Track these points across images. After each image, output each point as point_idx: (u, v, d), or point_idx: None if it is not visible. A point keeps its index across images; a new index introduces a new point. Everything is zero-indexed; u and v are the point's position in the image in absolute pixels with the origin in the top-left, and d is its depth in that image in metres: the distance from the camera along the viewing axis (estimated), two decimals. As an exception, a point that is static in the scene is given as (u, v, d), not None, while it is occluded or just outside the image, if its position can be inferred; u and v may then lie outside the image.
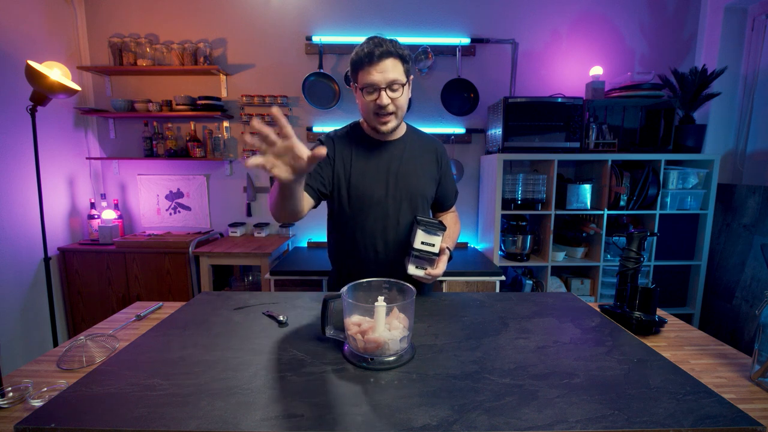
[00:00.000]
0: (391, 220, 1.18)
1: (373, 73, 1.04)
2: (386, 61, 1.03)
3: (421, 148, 1.24)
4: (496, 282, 2.13)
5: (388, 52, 1.03)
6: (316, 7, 2.55)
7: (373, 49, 1.03)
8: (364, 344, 0.78)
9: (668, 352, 0.93)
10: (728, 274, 2.30)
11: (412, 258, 1.08)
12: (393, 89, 1.06)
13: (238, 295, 1.19)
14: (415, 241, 1.07)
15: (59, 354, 0.90)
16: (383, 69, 1.03)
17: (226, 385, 0.71)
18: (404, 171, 1.18)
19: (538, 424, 0.61)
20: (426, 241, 1.06)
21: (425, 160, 1.23)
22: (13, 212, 2.15)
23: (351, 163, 1.17)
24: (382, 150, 1.19)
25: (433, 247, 1.06)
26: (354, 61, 1.07)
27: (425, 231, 1.06)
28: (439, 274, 1.08)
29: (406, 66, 1.08)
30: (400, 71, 1.06)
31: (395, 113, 1.09)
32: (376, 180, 1.16)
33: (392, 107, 1.08)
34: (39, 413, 0.63)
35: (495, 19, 2.57)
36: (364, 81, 1.06)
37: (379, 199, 1.16)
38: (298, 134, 2.67)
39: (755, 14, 2.32)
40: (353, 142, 1.19)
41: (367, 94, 1.07)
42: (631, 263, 1.09)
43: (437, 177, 1.27)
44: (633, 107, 2.34)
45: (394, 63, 1.05)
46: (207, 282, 2.33)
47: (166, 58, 2.53)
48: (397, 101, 1.08)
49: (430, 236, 1.06)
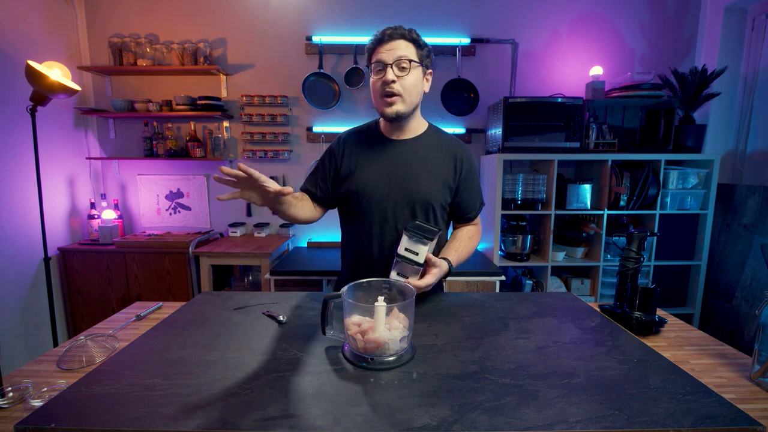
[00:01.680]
0: (390, 224, 1.12)
1: (382, 51, 1.03)
2: (397, 41, 1.02)
3: (438, 151, 1.15)
4: (496, 282, 2.13)
5: (400, 34, 1.02)
6: (316, 7, 2.55)
7: (385, 30, 1.03)
8: (364, 344, 0.78)
9: (668, 352, 0.93)
10: (728, 274, 2.30)
11: (394, 263, 1.01)
12: (401, 67, 1.02)
13: (238, 295, 1.19)
14: (400, 245, 0.99)
15: (59, 354, 0.90)
16: (392, 47, 1.02)
17: (226, 385, 0.71)
18: (411, 175, 1.11)
19: (538, 424, 0.61)
20: (410, 248, 0.97)
21: (439, 165, 1.14)
22: (13, 212, 2.15)
23: (357, 161, 1.14)
24: (391, 150, 1.14)
25: (417, 256, 0.97)
26: (368, 46, 1.07)
27: (410, 237, 0.98)
28: (421, 286, 0.99)
29: (419, 51, 1.05)
30: (412, 52, 1.03)
31: (401, 96, 1.04)
32: (378, 180, 1.12)
33: (398, 87, 1.03)
34: (39, 413, 0.63)
35: (495, 19, 2.57)
36: (373, 60, 1.05)
37: (379, 199, 1.12)
38: (298, 134, 2.67)
39: (755, 14, 2.32)
40: (366, 140, 1.17)
41: (375, 73, 1.05)
42: (631, 263, 1.09)
43: (453, 184, 1.16)
44: (633, 107, 2.34)
45: (406, 44, 1.03)
46: (207, 282, 2.33)
47: (166, 58, 2.53)
48: (404, 80, 1.03)
49: (415, 244, 0.98)
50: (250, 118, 2.59)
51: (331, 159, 1.18)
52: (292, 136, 2.68)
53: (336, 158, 1.17)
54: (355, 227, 1.17)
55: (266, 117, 2.59)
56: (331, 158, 1.18)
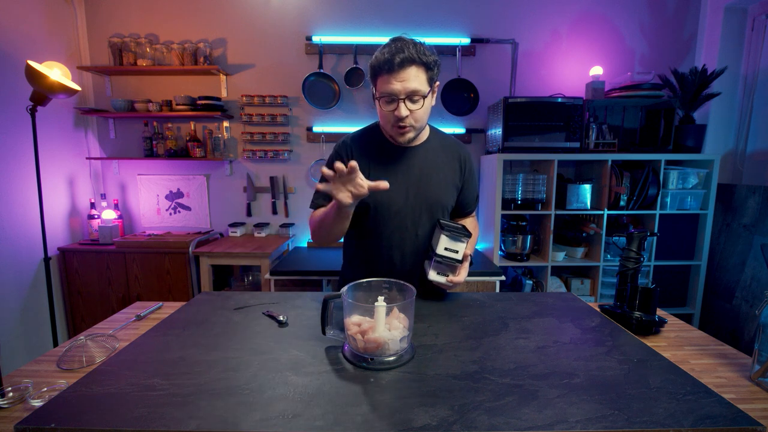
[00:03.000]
0: (410, 232, 1.14)
1: (392, 82, 0.96)
2: (408, 69, 0.95)
3: (444, 154, 1.17)
4: (496, 282, 2.13)
5: (410, 59, 0.95)
6: (316, 7, 2.55)
7: (394, 56, 0.94)
8: (364, 344, 0.78)
9: (668, 352, 0.93)
10: (728, 274, 2.30)
11: (434, 263, 1.04)
12: (413, 100, 0.98)
13: (238, 295, 1.19)
14: (438, 246, 1.02)
15: (59, 354, 0.90)
16: (403, 78, 0.96)
17: (226, 385, 0.71)
18: (425, 181, 1.13)
19: (538, 424, 0.61)
20: (450, 248, 1.02)
21: (447, 168, 1.16)
22: (13, 212, 2.15)
23: (369, 171, 1.12)
24: (402, 157, 1.13)
25: (457, 254, 1.02)
26: (373, 66, 1.00)
27: (450, 237, 1.02)
28: (461, 281, 1.05)
29: (430, 74, 1.00)
30: (423, 80, 0.98)
31: (414, 126, 1.03)
32: (395, 190, 1.09)
33: (411, 120, 1.01)
34: (39, 413, 0.63)
35: (495, 19, 2.57)
36: (382, 89, 0.99)
37: (398, 209, 1.12)
38: (298, 134, 2.67)
39: (755, 14, 2.32)
40: (373, 148, 1.14)
41: (384, 103, 1.00)
42: (631, 263, 1.09)
43: (459, 184, 1.20)
44: (633, 107, 2.34)
45: (417, 72, 0.96)
46: (207, 282, 2.33)
47: (166, 58, 2.53)
48: (417, 114, 1.00)
49: (455, 242, 1.02)
50: (250, 118, 2.59)
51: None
52: (292, 136, 2.68)
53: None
54: (372, 238, 1.16)
55: (266, 117, 2.59)
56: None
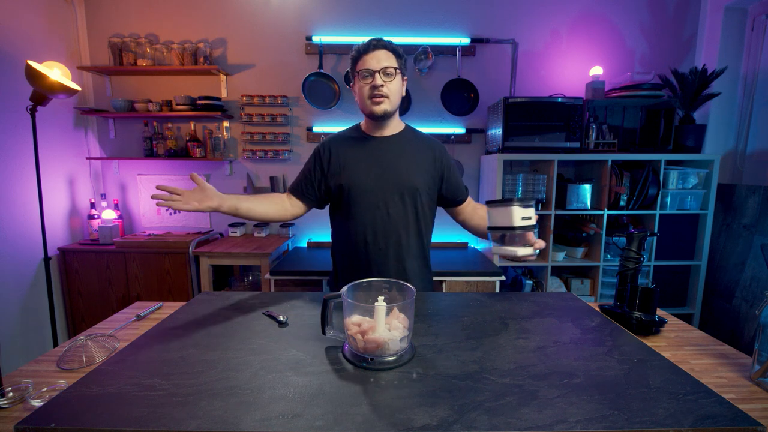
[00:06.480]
0: (381, 211, 1.23)
1: (368, 60, 1.17)
2: (380, 51, 1.17)
3: (418, 145, 1.29)
4: (496, 282, 2.13)
5: (383, 44, 1.18)
6: (316, 7, 2.55)
7: (370, 42, 1.19)
8: (364, 344, 0.78)
9: (668, 352, 0.93)
10: (728, 274, 2.30)
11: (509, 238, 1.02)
12: (386, 73, 1.17)
13: (238, 295, 1.19)
14: (514, 219, 0.99)
15: (59, 354, 0.90)
16: (377, 57, 1.17)
17: (226, 385, 0.71)
18: (394, 163, 1.24)
19: (538, 424, 0.61)
20: (525, 216, 0.99)
21: (419, 155, 1.27)
22: (13, 212, 2.15)
23: (345, 159, 1.25)
24: (375, 145, 1.26)
25: (531, 220, 1.00)
26: (353, 55, 1.21)
27: (522, 206, 0.99)
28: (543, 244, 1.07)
29: (399, 61, 1.20)
30: (393, 61, 1.18)
31: (389, 97, 1.18)
32: (366, 170, 1.23)
33: (386, 90, 1.17)
34: (39, 413, 0.63)
35: (495, 19, 2.57)
36: (360, 68, 1.18)
37: (368, 188, 1.22)
38: (298, 134, 2.68)
39: (755, 14, 2.32)
40: (350, 140, 1.29)
41: (362, 78, 1.18)
42: (631, 263, 1.09)
43: (436, 175, 1.29)
44: (633, 107, 2.34)
45: (387, 54, 1.18)
46: (207, 282, 2.33)
47: (166, 58, 2.53)
48: (390, 85, 1.18)
49: (527, 209, 0.99)
50: (250, 118, 2.59)
51: (317, 161, 1.29)
52: (292, 136, 2.68)
53: (322, 160, 1.28)
54: (348, 219, 1.26)
55: (266, 117, 2.59)
56: (316, 160, 1.29)
